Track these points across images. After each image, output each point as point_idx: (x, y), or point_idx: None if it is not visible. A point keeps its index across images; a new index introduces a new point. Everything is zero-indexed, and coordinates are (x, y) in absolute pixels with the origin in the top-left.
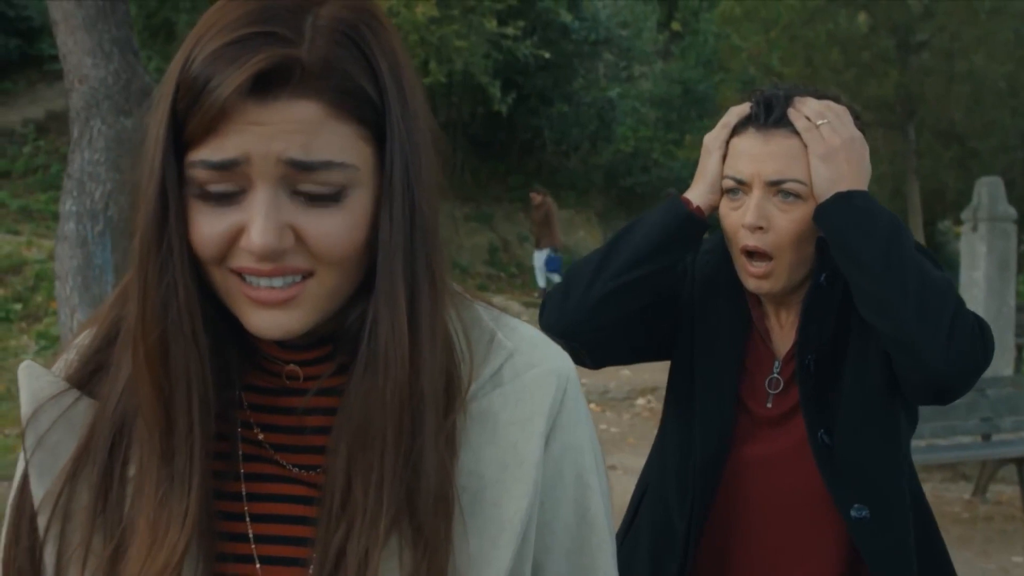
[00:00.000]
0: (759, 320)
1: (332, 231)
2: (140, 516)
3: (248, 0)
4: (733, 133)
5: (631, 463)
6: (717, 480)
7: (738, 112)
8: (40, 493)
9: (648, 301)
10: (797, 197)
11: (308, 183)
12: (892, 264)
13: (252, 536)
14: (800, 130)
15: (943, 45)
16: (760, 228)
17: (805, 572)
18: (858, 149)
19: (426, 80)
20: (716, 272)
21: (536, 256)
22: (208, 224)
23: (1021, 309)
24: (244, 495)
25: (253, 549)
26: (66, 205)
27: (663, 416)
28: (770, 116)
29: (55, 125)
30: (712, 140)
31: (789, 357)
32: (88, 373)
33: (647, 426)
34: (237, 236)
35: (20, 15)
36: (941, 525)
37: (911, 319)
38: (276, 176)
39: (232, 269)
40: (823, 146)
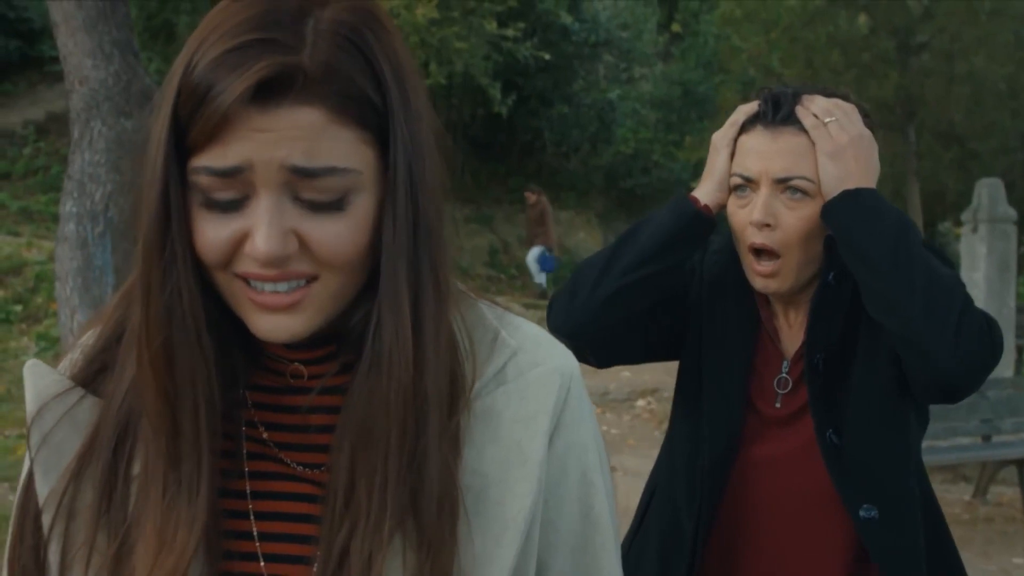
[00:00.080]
0: (768, 320)
1: (336, 236)
2: (147, 520)
3: (249, 3)
4: (741, 131)
5: (631, 464)
6: (725, 480)
7: (746, 110)
8: (44, 491)
9: (655, 300)
10: (805, 194)
11: (311, 189)
12: (899, 261)
13: (256, 534)
14: (808, 127)
15: (943, 47)
16: (767, 225)
17: (813, 572)
18: (866, 147)
19: (426, 82)
20: (724, 272)
21: (529, 253)
22: (212, 231)
23: (1021, 310)
24: (248, 493)
25: (258, 547)
26: (66, 206)
27: (671, 416)
28: (778, 113)
29: (55, 126)
30: (720, 138)
31: (798, 357)
32: (93, 372)
33: (647, 428)
34: (241, 242)
35: (20, 17)
36: None
37: (918, 316)
38: (279, 182)
39: (237, 274)
40: (831, 144)
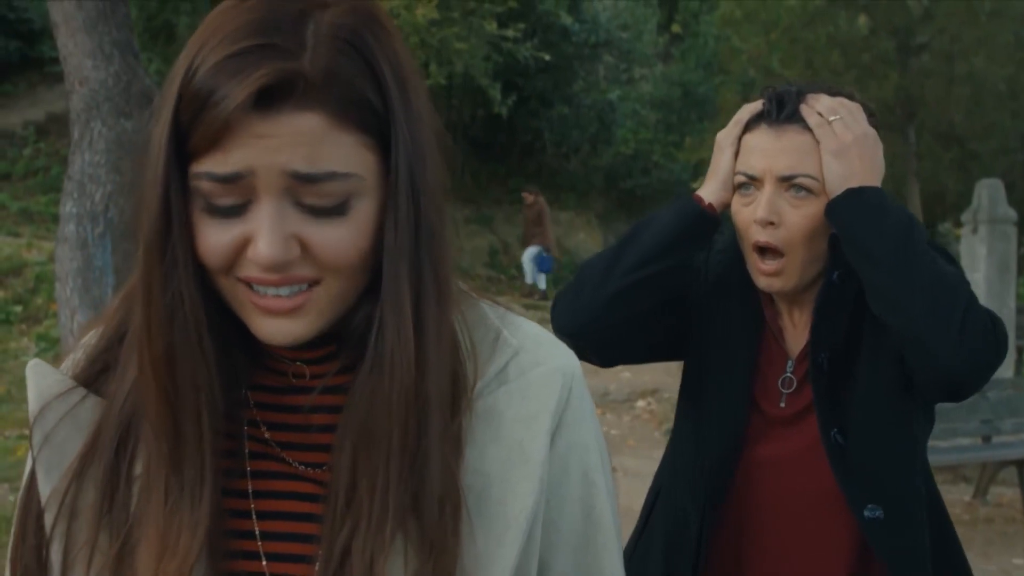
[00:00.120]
0: (772, 319)
1: (338, 241)
2: (149, 523)
3: (249, 5)
4: (745, 129)
5: (631, 465)
6: (730, 480)
7: (751, 109)
8: (47, 491)
9: (660, 299)
10: (809, 192)
11: (313, 195)
12: (903, 259)
13: (259, 533)
14: (812, 126)
15: (943, 47)
16: (771, 223)
17: (818, 572)
18: (871, 145)
19: (426, 82)
20: (728, 271)
21: (525, 253)
22: (214, 236)
23: (1021, 311)
24: (251, 492)
25: (260, 546)
26: (66, 207)
27: (676, 416)
28: (782, 112)
29: (55, 127)
30: (724, 137)
31: (802, 356)
32: (95, 372)
33: (647, 428)
34: (243, 247)
35: (20, 17)
36: None
37: (922, 314)
38: (280, 188)
39: (239, 278)
40: (835, 142)
